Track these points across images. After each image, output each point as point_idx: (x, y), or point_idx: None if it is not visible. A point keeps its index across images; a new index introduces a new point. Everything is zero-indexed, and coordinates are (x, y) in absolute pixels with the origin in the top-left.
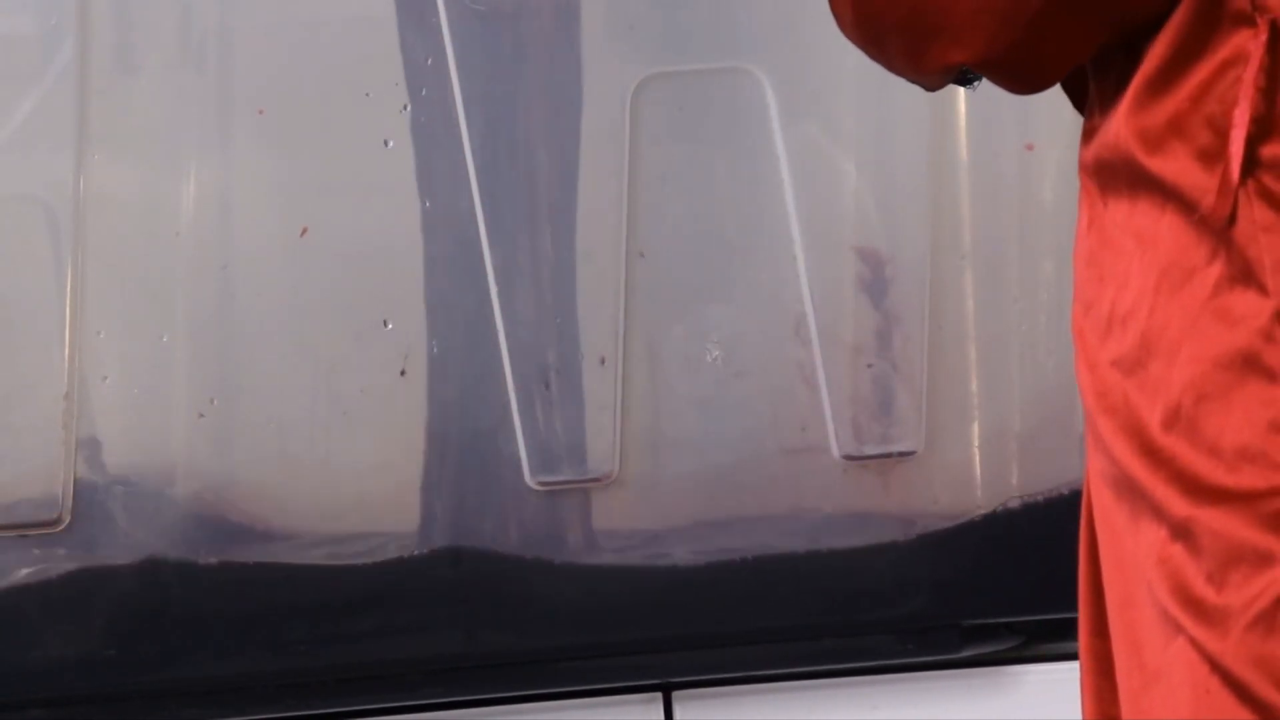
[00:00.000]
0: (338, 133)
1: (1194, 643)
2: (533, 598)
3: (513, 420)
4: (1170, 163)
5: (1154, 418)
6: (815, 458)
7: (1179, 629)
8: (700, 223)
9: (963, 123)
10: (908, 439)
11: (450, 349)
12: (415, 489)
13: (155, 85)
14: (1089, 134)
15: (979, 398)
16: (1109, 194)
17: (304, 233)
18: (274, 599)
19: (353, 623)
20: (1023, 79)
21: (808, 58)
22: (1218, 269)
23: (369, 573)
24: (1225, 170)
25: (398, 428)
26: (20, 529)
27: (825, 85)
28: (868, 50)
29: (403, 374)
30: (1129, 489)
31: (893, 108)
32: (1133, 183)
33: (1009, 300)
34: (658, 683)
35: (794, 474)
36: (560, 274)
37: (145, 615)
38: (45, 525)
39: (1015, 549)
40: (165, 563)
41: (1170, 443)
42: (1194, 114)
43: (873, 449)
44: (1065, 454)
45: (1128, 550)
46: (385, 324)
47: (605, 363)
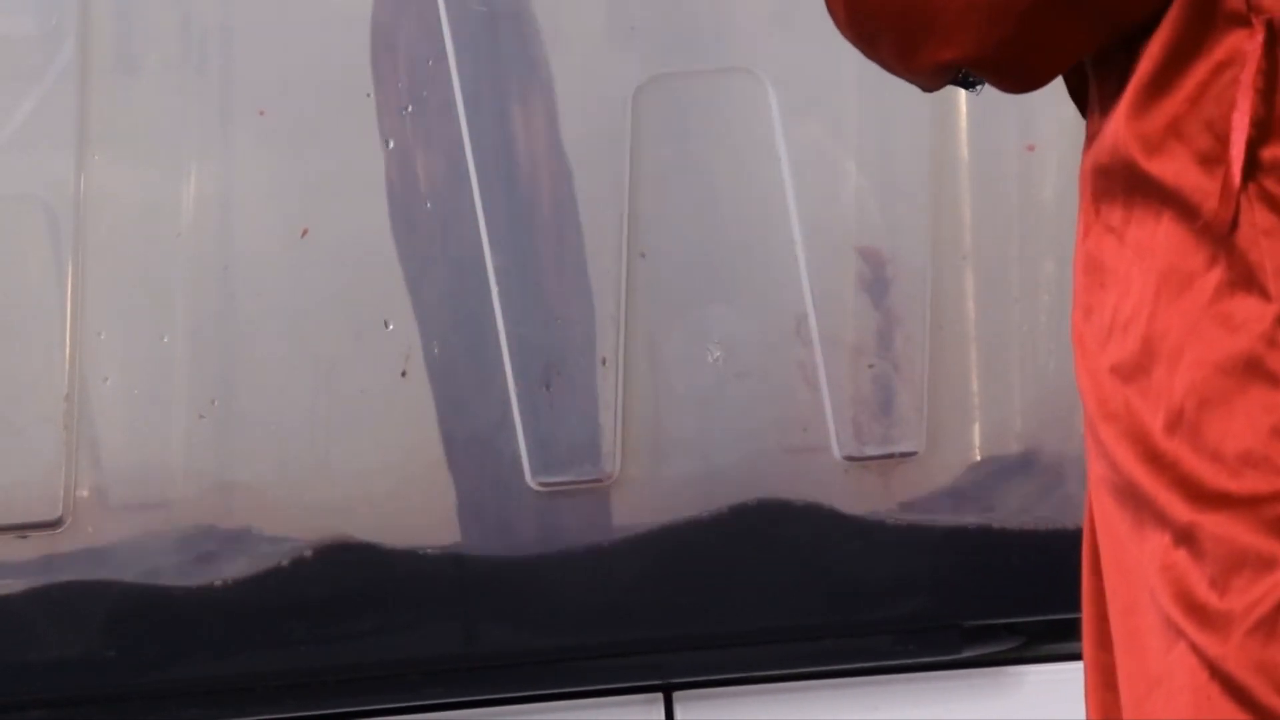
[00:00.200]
0: (338, 133)
1: (1195, 648)
2: (533, 598)
3: (513, 421)
4: (1170, 166)
5: (1156, 423)
6: (816, 458)
7: (1180, 634)
8: (701, 223)
9: (964, 123)
10: (909, 439)
11: (451, 349)
12: (416, 489)
13: (155, 85)
14: (1090, 139)
15: (980, 398)
16: (1108, 199)
17: (304, 233)
18: (274, 599)
19: (353, 623)
20: (1015, 77)
21: (808, 58)
22: (1218, 274)
23: (369, 573)
24: (1226, 174)
25: (398, 428)
26: (20, 529)
27: (826, 86)
28: (862, 49)
29: (403, 374)
30: (1131, 496)
31: (893, 108)
32: (1132, 187)
33: (1010, 300)
34: (658, 683)
35: (795, 474)
36: (561, 274)
37: (145, 615)
38: (46, 525)
39: (1016, 550)
40: (165, 563)
41: (1173, 448)
42: (1192, 117)
43: (874, 449)
44: (1066, 454)
45: (1130, 557)
46: (386, 324)
47: (606, 363)
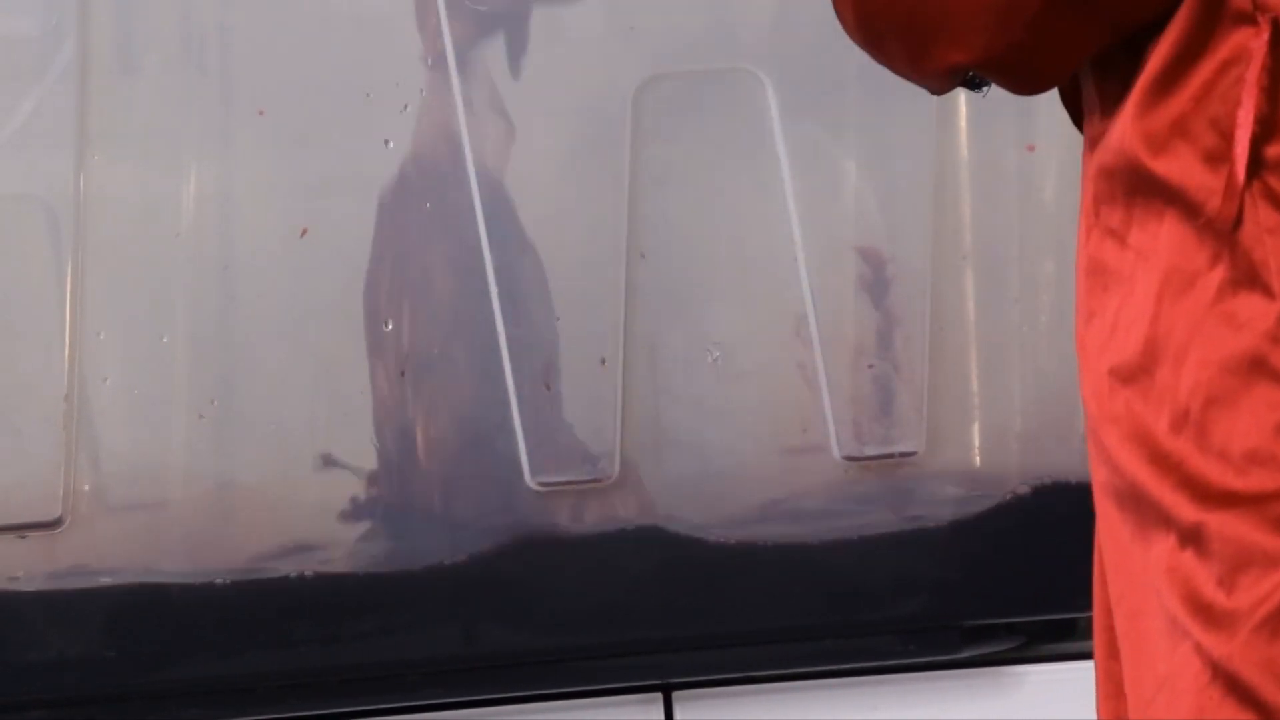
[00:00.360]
0: (338, 133)
1: (1199, 649)
2: (533, 598)
3: (513, 421)
4: (1175, 165)
5: (1161, 424)
6: (816, 458)
7: (1186, 635)
8: (701, 223)
9: (964, 123)
10: (909, 440)
11: (451, 349)
12: (415, 490)
13: (155, 85)
14: (1093, 141)
15: (980, 398)
16: (1111, 201)
17: (304, 233)
18: (274, 599)
19: (353, 623)
20: (1023, 80)
21: (809, 58)
22: (1221, 272)
23: (369, 573)
24: (1230, 172)
25: (398, 428)
26: (20, 529)
27: (826, 86)
28: (870, 52)
29: (403, 374)
30: (1134, 499)
31: (894, 108)
32: (1136, 188)
33: (1010, 301)
34: (658, 683)
35: (795, 474)
36: (561, 274)
37: (145, 616)
38: (45, 525)
39: (1016, 549)
40: (165, 563)
41: (1178, 447)
42: (1198, 115)
43: (874, 450)
44: (1066, 454)
45: (1135, 562)
46: (386, 324)
47: (606, 363)
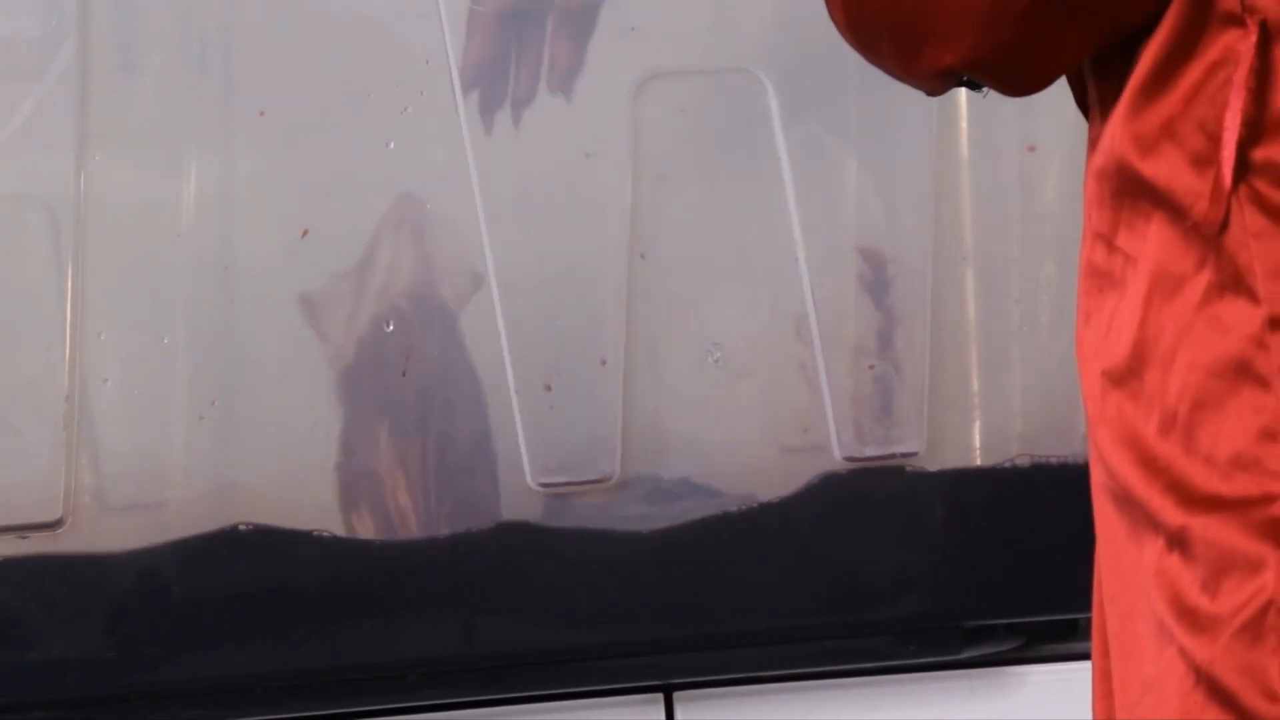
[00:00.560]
0: (338, 133)
1: (1184, 652)
2: (533, 598)
3: (514, 421)
4: (1163, 167)
5: (1150, 427)
6: (816, 458)
7: (1171, 639)
8: (701, 224)
9: (964, 123)
10: (909, 440)
11: (451, 350)
12: (416, 490)
13: (155, 85)
14: (1092, 144)
15: (980, 398)
16: (1105, 203)
17: (304, 233)
18: (274, 600)
19: (353, 623)
20: (1015, 81)
21: (809, 58)
22: (1207, 276)
23: (369, 574)
24: (1217, 175)
25: (398, 428)
26: (21, 530)
27: (827, 86)
28: (863, 54)
29: (403, 375)
30: (1127, 501)
31: (894, 108)
32: (1126, 190)
33: (1010, 301)
34: (659, 683)
35: (795, 475)
36: (561, 274)
37: (146, 616)
38: (46, 526)
39: (1016, 550)
40: (165, 564)
41: (1166, 452)
42: (1186, 117)
43: (874, 450)
44: (1066, 455)
45: (1128, 563)
46: (386, 325)
47: (606, 364)
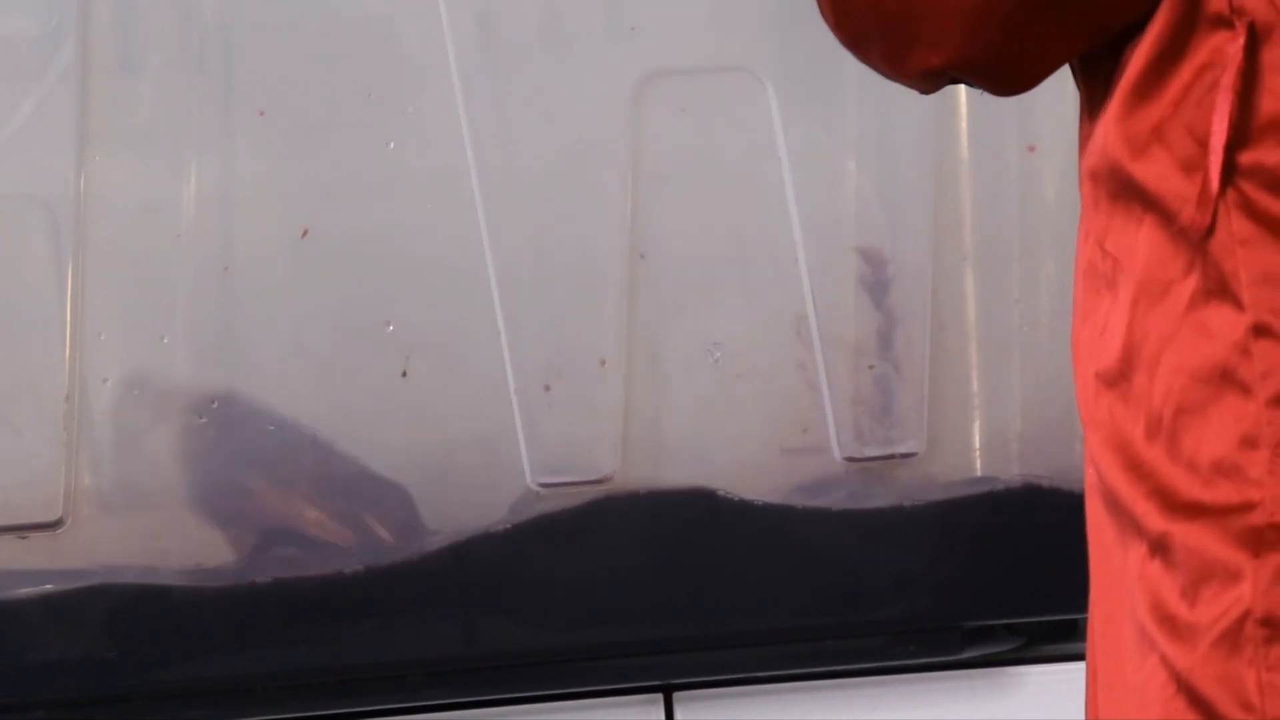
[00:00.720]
0: (339, 133)
1: (1165, 660)
2: (533, 599)
3: (514, 421)
4: (1153, 170)
5: (1137, 431)
6: (816, 459)
7: (1153, 646)
8: (701, 223)
9: (964, 123)
10: (909, 440)
11: (451, 349)
12: (416, 490)
13: (155, 85)
14: (1083, 141)
15: (980, 398)
16: (1098, 203)
17: (305, 233)
18: (274, 600)
19: (353, 623)
20: (1001, 81)
21: (809, 58)
22: (1194, 282)
23: (369, 573)
24: (1204, 180)
25: (398, 428)
26: (21, 530)
27: (827, 85)
28: (853, 52)
29: (404, 375)
30: (1115, 504)
31: (893, 108)
32: (1118, 192)
33: (1010, 301)
34: (658, 683)
35: (795, 475)
36: (561, 274)
37: (146, 616)
38: (46, 526)
39: (1016, 550)
40: (165, 564)
41: (1151, 457)
42: (1175, 120)
43: (874, 450)
44: (1066, 455)
45: (1115, 565)
46: (386, 324)
47: (606, 364)
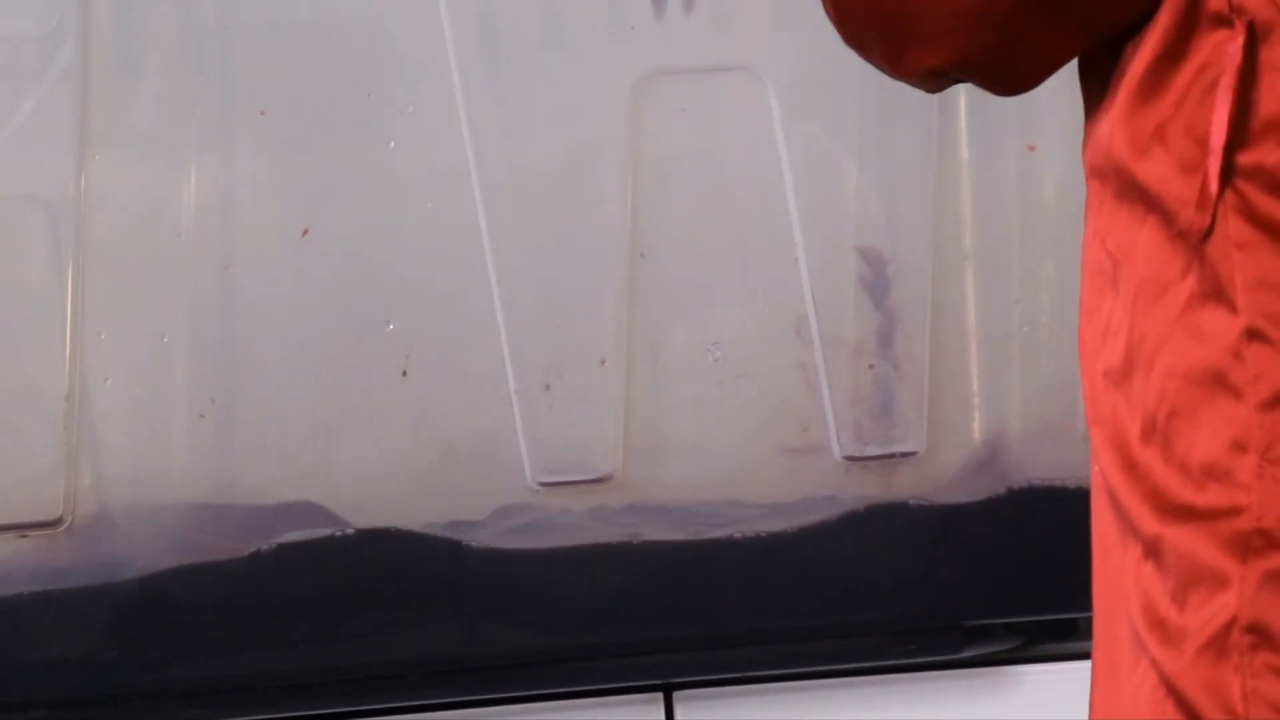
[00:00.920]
0: (339, 133)
1: (1154, 664)
2: (533, 598)
3: (514, 420)
4: (1154, 171)
5: (1134, 431)
6: (816, 458)
7: (1145, 649)
8: (701, 223)
9: (964, 123)
10: (909, 440)
11: (451, 349)
12: (416, 489)
13: (156, 85)
14: (1087, 138)
15: (980, 398)
16: (1106, 201)
17: (305, 233)
18: (274, 599)
19: (353, 623)
20: (1001, 81)
21: (809, 58)
22: (1190, 284)
23: (369, 573)
24: (1203, 181)
25: (398, 428)
26: (21, 529)
27: (827, 85)
28: (856, 51)
29: (404, 374)
30: (1115, 504)
31: (893, 108)
32: (1122, 191)
33: (1010, 301)
34: (659, 683)
35: (795, 475)
36: (561, 274)
37: (146, 616)
38: (46, 525)
39: (1016, 549)
40: (166, 563)
41: (1146, 458)
42: (1176, 121)
43: (874, 450)
44: (1066, 455)
45: (1114, 566)
46: (387, 324)
47: (606, 364)
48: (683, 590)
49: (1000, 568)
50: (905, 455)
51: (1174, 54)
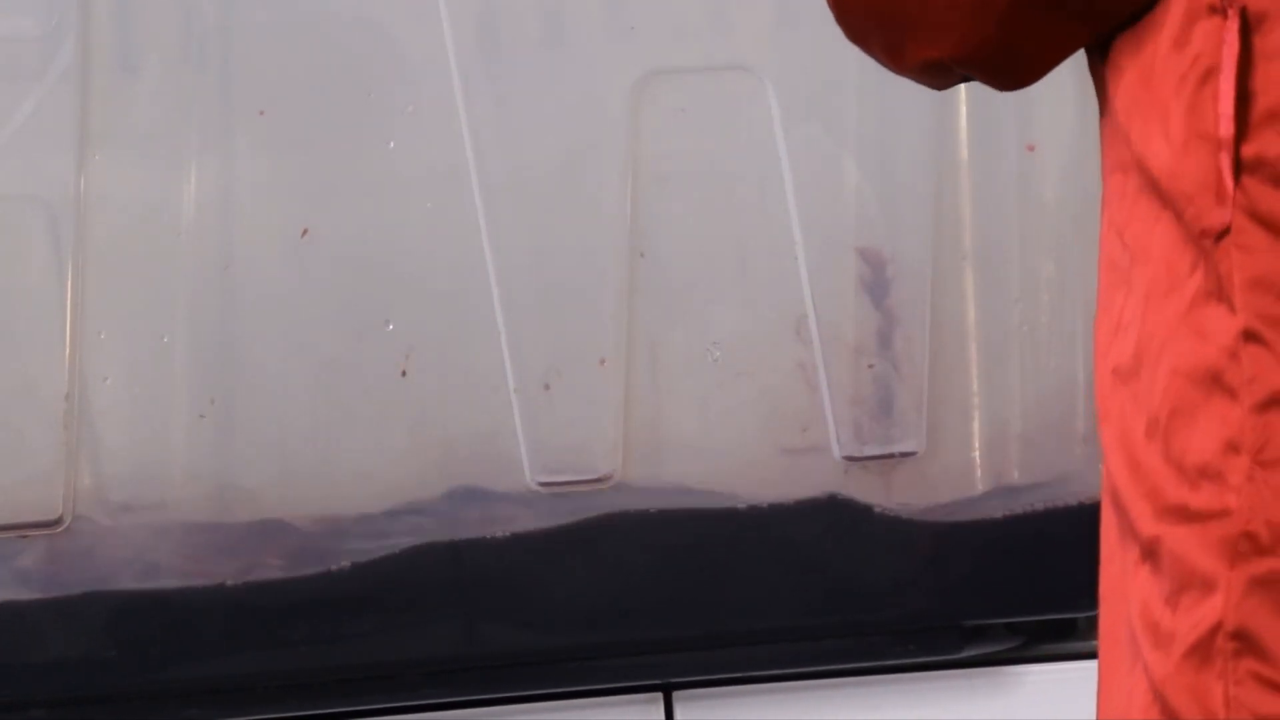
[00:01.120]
0: (339, 133)
1: (1146, 667)
2: (533, 598)
3: (513, 420)
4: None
5: (1139, 429)
6: (816, 458)
7: (1140, 651)
8: (701, 223)
9: (964, 123)
10: (909, 439)
11: (451, 349)
12: (415, 490)
13: (156, 85)
14: (1104, 132)
15: (980, 398)
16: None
17: (304, 233)
18: (274, 599)
19: (353, 623)
20: (1002, 75)
21: (808, 58)
22: (1196, 281)
23: (369, 573)
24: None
25: (398, 428)
26: (21, 529)
27: (827, 85)
28: (858, 45)
29: (403, 374)
30: (1118, 502)
31: (894, 108)
32: (1142, 187)
33: (1010, 301)
34: (658, 683)
35: (795, 474)
36: (561, 274)
37: (145, 615)
38: (46, 525)
39: (1016, 549)
40: (166, 563)
41: (1148, 457)
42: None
43: (874, 450)
44: (1066, 455)
45: (1117, 566)
46: (386, 324)
47: (606, 364)
48: (683, 590)
49: (1000, 568)
50: (905, 455)
51: (1175, 46)
